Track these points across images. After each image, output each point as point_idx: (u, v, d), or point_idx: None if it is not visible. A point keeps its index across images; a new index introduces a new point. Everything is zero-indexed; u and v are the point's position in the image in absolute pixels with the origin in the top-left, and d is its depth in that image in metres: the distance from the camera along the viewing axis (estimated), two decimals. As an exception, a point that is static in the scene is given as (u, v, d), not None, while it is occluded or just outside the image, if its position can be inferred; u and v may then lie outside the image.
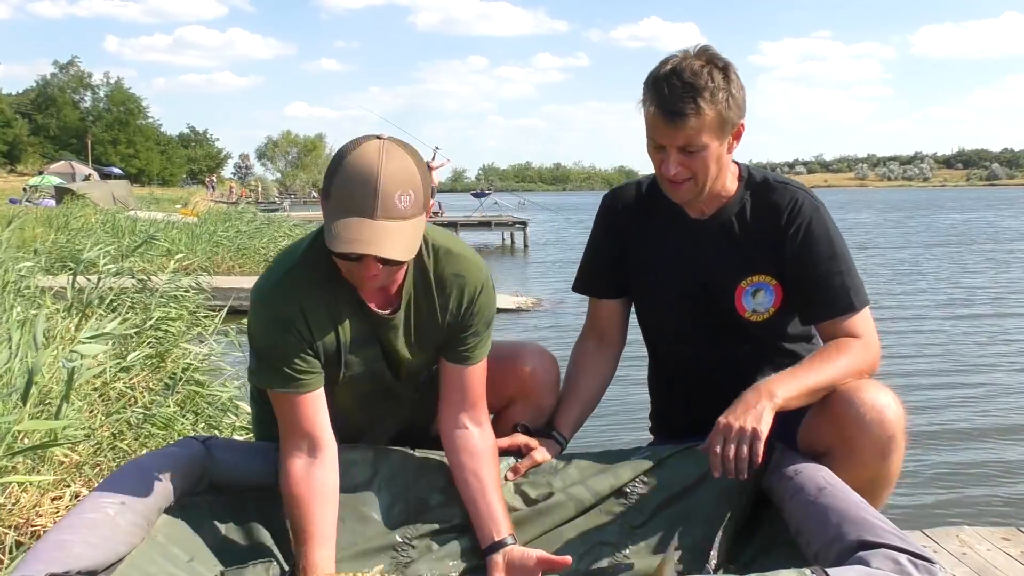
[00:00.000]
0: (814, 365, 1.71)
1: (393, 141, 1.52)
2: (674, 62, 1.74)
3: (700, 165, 1.76)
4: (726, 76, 1.73)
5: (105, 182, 33.01)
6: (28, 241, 9.67)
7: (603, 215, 2.05)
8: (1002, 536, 2.53)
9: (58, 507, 2.56)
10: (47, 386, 3.01)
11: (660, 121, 1.73)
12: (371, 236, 1.45)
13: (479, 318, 1.74)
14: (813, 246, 1.81)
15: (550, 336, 8.53)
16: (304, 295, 1.62)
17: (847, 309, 1.78)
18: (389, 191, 1.46)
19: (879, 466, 1.65)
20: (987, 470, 4.66)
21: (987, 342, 8.67)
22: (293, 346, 1.62)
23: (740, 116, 1.77)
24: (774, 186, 1.87)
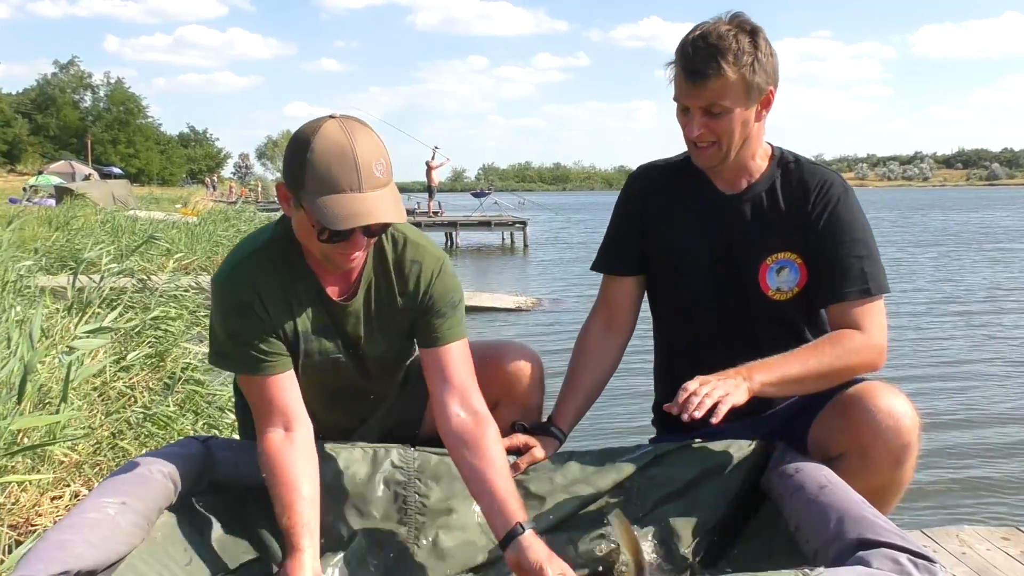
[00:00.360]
0: (801, 355, 1.71)
1: (348, 117, 1.55)
2: (703, 26, 1.75)
3: (724, 128, 1.76)
4: (753, 41, 1.73)
5: (105, 182, 33.02)
6: (28, 241, 9.67)
7: (628, 190, 2.03)
8: (1002, 536, 2.53)
9: (58, 506, 2.56)
10: (47, 385, 3.01)
11: (683, 81, 1.75)
12: (366, 208, 1.49)
13: (441, 300, 1.73)
14: (837, 226, 1.79)
15: (550, 336, 8.53)
16: (260, 280, 1.64)
17: (858, 294, 1.76)
18: (367, 163, 1.50)
19: (892, 473, 1.64)
20: (987, 470, 4.66)
21: (987, 341, 8.67)
22: (254, 329, 1.63)
23: (769, 82, 1.76)
24: (805, 166, 1.87)
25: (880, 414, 1.61)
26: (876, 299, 1.78)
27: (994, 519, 3.77)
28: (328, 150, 1.49)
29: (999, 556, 2.37)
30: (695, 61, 1.72)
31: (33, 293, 4.77)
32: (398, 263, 1.73)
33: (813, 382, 1.71)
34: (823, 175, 1.85)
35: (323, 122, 1.52)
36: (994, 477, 4.54)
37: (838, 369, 1.71)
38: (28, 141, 71.89)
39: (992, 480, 4.50)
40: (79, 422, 2.91)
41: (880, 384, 1.69)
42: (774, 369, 1.68)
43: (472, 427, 1.65)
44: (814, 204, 1.81)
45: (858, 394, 1.67)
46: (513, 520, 1.53)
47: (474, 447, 1.63)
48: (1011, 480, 4.51)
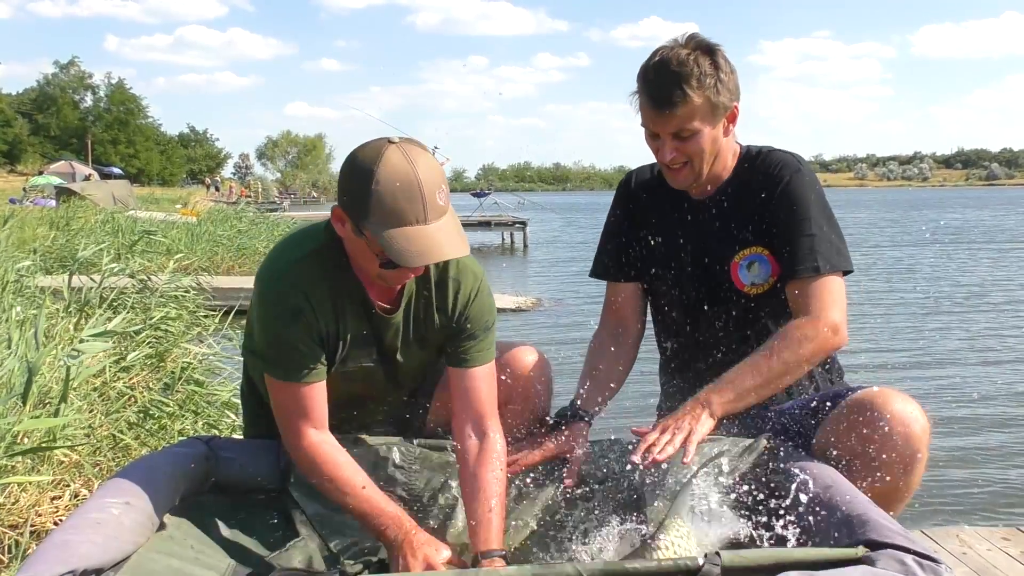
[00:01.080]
0: (754, 363, 1.70)
1: (407, 141, 1.53)
2: (662, 52, 1.78)
3: (695, 149, 1.79)
4: (713, 62, 1.75)
5: (105, 182, 33.06)
6: (27, 241, 9.68)
7: (619, 197, 2.06)
8: (1002, 536, 2.53)
9: (57, 507, 2.56)
10: (47, 386, 3.01)
11: (650, 110, 1.78)
12: (435, 242, 1.49)
13: (475, 322, 1.74)
14: (786, 206, 1.80)
15: (550, 335, 8.53)
16: (311, 286, 1.63)
17: (808, 272, 1.75)
18: (431, 192, 1.49)
19: (901, 479, 1.64)
20: (987, 470, 4.66)
21: (987, 340, 8.67)
22: (301, 336, 1.62)
23: (732, 99, 1.79)
24: (766, 156, 1.88)
25: (891, 421, 1.60)
26: (827, 276, 1.75)
27: (994, 519, 3.77)
28: (393, 181, 1.47)
29: (999, 556, 2.37)
30: (659, 90, 1.75)
31: (33, 293, 4.77)
32: (440, 279, 1.73)
33: (775, 384, 1.71)
34: (777, 160, 1.86)
35: (384, 148, 1.49)
36: (994, 477, 4.55)
37: (795, 363, 1.71)
38: (28, 141, 71.86)
39: (992, 480, 4.50)
40: (79, 422, 2.91)
41: (889, 390, 1.68)
42: (731, 386, 1.68)
43: (476, 452, 1.70)
44: (768, 190, 1.83)
45: (868, 400, 1.65)
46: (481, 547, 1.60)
47: (473, 470, 1.68)
48: (1011, 480, 4.51)
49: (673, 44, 1.79)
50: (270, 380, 1.67)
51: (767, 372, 1.69)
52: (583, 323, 10.18)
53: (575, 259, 18.20)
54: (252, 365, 1.81)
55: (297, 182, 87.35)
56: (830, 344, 1.74)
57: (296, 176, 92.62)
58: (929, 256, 19.17)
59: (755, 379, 1.68)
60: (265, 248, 13.69)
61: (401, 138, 1.53)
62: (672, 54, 1.76)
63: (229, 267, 12.67)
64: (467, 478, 1.69)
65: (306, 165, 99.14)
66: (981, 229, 29.76)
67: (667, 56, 1.76)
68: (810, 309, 1.74)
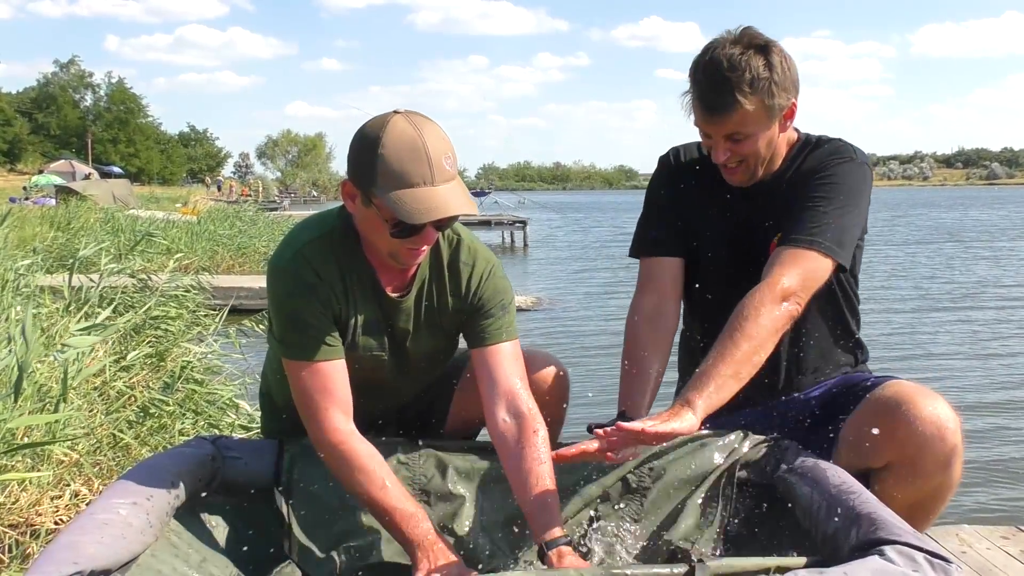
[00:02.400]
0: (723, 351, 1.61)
1: (412, 112, 1.55)
2: (713, 50, 1.71)
3: (749, 150, 1.76)
4: (767, 62, 1.69)
5: (105, 181, 33.04)
6: (27, 240, 9.68)
7: (663, 175, 2.00)
8: (1001, 535, 2.53)
9: (57, 506, 2.56)
10: (46, 385, 3.01)
11: (702, 113, 1.74)
12: (441, 200, 1.50)
13: (490, 302, 1.74)
14: (822, 181, 1.76)
15: (549, 335, 8.54)
16: (322, 266, 1.64)
17: (798, 243, 1.68)
18: (438, 156, 1.51)
19: (943, 476, 1.64)
20: (987, 469, 4.66)
21: (986, 338, 8.67)
22: (314, 311, 1.62)
23: (789, 97, 1.74)
24: (821, 144, 1.84)
25: (924, 424, 1.59)
26: (812, 252, 1.68)
27: (994, 518, 3.77)
28: (399, 145, 1.49)
29: (999, 555, 2.38)
30: (710, 95, 1.70)
31: (33, 292, 4.76)
32: (452, 263, 1.74)
33: (751, 363, 1.62)
34: (833, 148, 1.81)
35: (389, 118, 1.52)
36: (994, 476, 4.55)
37: (762, 336, 1.62)
38: (28, 140, 71.83)
39: (992, 479, 4.50)
40: (79, 421, 2.91)
41: (915, 388, 1.67)
42: (705, 381, 1.59)
43: (515, 433, 1.64)
44: (817, 173, 1.79)
45: (895, 402, 1.63)
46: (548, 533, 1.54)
47: (515, 454, 1.63)
48: (1011, 479, 4.51)
49: (724, 41, 1.72)
50: (289, 365, 1.64)
51: (738, 355, 1.60)
52: (583, 322, 10.18)
53: (575, 258, 18.20)
54: (272, 359, 1.81)
55: (297, 181, 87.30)
56: (789, 313, 1.64)
57: (296, 175, 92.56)
58: (927, 253, 19.16)
59: (728, 365, 1.60)
60: (265, 247, 13.70)
61: (407, 110, 1.55)
62: (724, 54, 1.69)
63: (229, 266, 12.68)
64: (511, 465, 1.63)
65: (306, 164, 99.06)
66: (982, 228, 29.74)
67: (718, 57, 1.70)
68: (770, 274, 1.66)
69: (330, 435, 1.60)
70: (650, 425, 1.51)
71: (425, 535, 1.54)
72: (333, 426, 1.60)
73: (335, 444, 1.60)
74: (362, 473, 1.58)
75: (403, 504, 1.57)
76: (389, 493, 1.57)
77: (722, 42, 1.72)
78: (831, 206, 1.73)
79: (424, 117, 1.55)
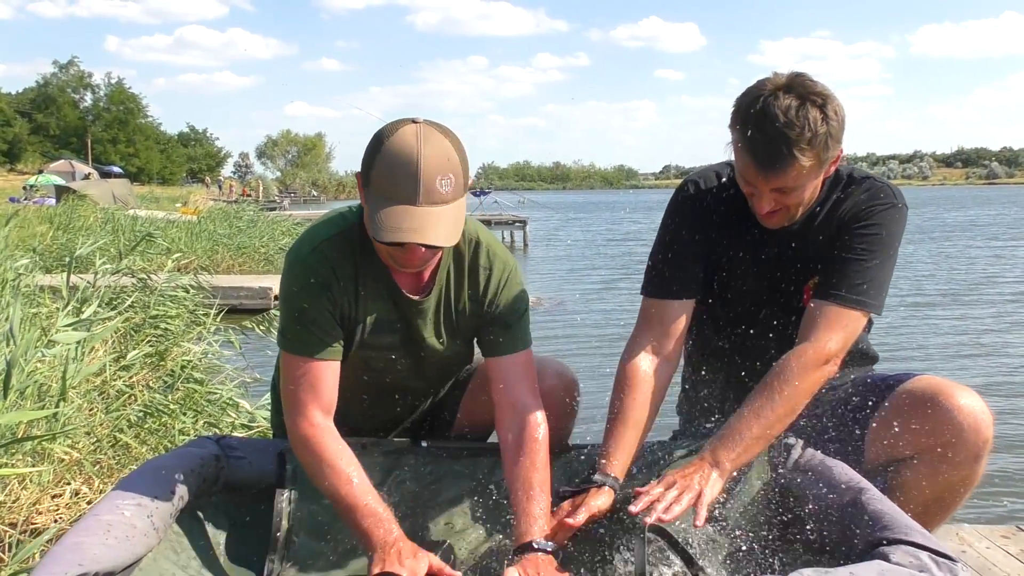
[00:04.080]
0: (755, 410, 1.60)
1: (430, 124, 1.52)
2: (765, 99, 1.59)
3: (795, 200, 1.68)
4: (824, 115, 1.59)
5: (105, 181, 32.97)
6: (27, 240, 9.67)
7: (680, 208, 1.87)
8: (1001, 534, 2.53)
9: (58, 505, 2.56)
10: (46, 384, 3.01)
11: (751, 168, 1.63)
12: (415, 224, 1.46)
13: (506, 309, 1.73)
14: (866, 232, 1.71)
15: (549, 334, 8.53)
16: (336, 264, 1.63)
17: (843, 301, 1.66)
18: (430, 176, 1.47)
19: (972, 468, 1.66)
20: (987, 468, 4.65)
21: (985, 337, 8.67)
22: (321, 311, 1.63)
23: (839, 145, 1.65)
24: (861, 185, 1.76)
25: (961, 413, 1.61)
26: (854, 312, 1.67)
27: (994, 518, 3.77)
28: (394, 156, 1.47)
29: (999, 554, 2.37)
30: (765, 151, 1.59)
31: (32, 292, 4.76)
32: (472, 266, 1.73)
33: (782, 425, 1.63)
34: (875, 191, 1.74)
35: (402, 125, 1.51)
36: (994, 476, 4.54)
37: (799, 400, 1.63)
38: (28, 140, 71.78)
39: (992, 479, 4.50)
40: (79, 420, 2.90)
41: (949, 382, 1.68)
42: (737, 441, 1.57)
43: (515, 443, 1.66)
44: (856, 217, 1.72)
45: (931, 394, 1.65)
46: (522, 538, 1.55)
47: (512, 461, 1.65)
48: (1011, 479, 4.51)
49: (777, 87, 1.60)
50: (285, 357, 1.66)
51: (772, 417, 1.59)
52: (583, 321, 10.18)
53: (575, 258, 18.19)
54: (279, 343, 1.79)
55: (297, 181, 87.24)
56: (827, 374, 1.66)
57: (296, 175, 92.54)
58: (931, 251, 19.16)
59: (761, 427, 1.58)
60: (264, 246, 13.70)
61: (427, 121, 1.52)
62: (780, 106, 1.57)
63: (229, 266, 12.66)
64: (509, 471, 1.65)
65: (306, 164, 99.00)
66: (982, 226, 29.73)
67: (772, 109, 1.57)
68: (815, 336, 1.65)
69: (305, 428, 1.61)
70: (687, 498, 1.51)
71: (386, 536, 1.52)
72: (310, 420, 1.61)
73: (308, 437, 1.60)
74: (330, 468, 1.58)
75: (368, 502, 1.56)
76: (355, 489, 1.57)
77: (773, 90, 1.60)
78: (874, 260, 1.69)
79: (439, 131, 1.51)
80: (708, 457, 1.57)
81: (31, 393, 2.80)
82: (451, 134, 1.54)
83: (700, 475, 1.54)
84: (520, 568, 1.49)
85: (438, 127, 1.53)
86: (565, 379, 1.89)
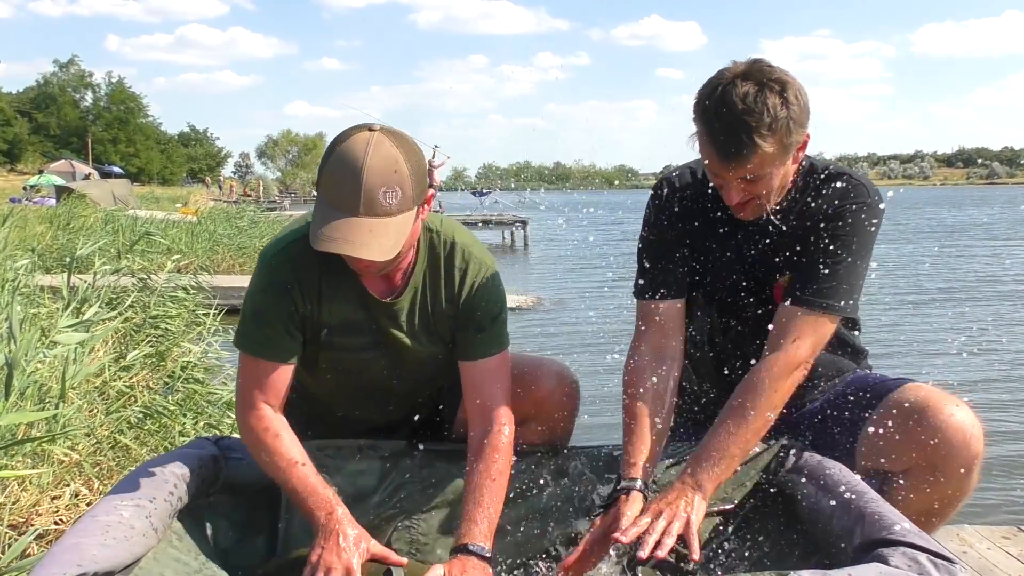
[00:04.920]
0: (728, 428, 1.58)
1: (385, 133, 1.49)
2: (724, 87, 1.56)
3: (764, 187, 1.64)
4: (783, 99, 1.55)
5: (105, 181, 32.98)
6: (27, 240, 9.67)
7: (658, 208, 1.86)
8: (1002, 535, 2.53)
9: (58, 506, 2.56)
10: (46, 385, 3.01)
11: (715, 158, 1.61)
12: (351, 235, 1.44)
13: (481, 312, 1.71)
14: (837, 232, 1.66)
15: (549, 334, 8.54)
16: (300, 267, 1.62)
17: (814, 305, 1.63)
18: (373, 187, 1.44)
19: (962, 482, 1.64)
20: (987, 468, 4.64)
21: (984, 336, 8.66)
22: (279, 313, 1.63)
23: (803, 131, 1.61)
24: (831, 178, 1.72)
25: (950, 431, 1.59)
26: (825, 318, 1.64)
27: (994, 518, 3.77)
28: (340, 164, 1.46)
29: (999, 555, 2.37)
30: (726, 140, 1.56)
31: (32, 292, 4.76)
32: (447, 267, 1.71)
33: (755, 440, 1.62)
34: (847, 188, 1.70)
35: (357, 131, 1.49)
36: (994, 476, 4.54)
37: (774, 410, 1.61)
38: (28, 140, 71.81)
39: (992, 479, 4.50)
40: (79, 421, 2.90)
41: (938, 393, 1.66)
42: (715, 460, 1.55)
43: (477, 447, 1.67)
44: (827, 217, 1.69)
45: (920, 407, 1.63)
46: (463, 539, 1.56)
47: (473, 466, 1.65)
48: (1010, 479, 4.51)
49: (735, 75, 1.57)
50: (241, 356, 1.67)
51: (748, 433, 1.58)
52: (583, 321, 10.18)
53: (575, 257, 18.19)
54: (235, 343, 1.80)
55: (297, 181, 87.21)
56: (797, 379, 1.63)
57: (296, 175, 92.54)
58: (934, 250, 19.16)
59: (738, 445, 1.57)
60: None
61: (384, 129, 1.50)
62: (737, 93, 1.54)
63: (229, 266, 12.67)
64: (468, 472, 1.66)
65: (306, 164, 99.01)
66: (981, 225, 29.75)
67: (731, 96, 1.54)
68: (784, 344, 1.62)
69: (252, 420, 1.63)
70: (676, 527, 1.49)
71: (326, 520, 1.54)
72: (260, 412, 1.63)
73: (253, 427, 1.62)
74: (277, 455, 1.60)
75: (311, 484, 1.58)
76: (298, 471, 1.58)
77: (731, 78, 1.57)
78: (845, 262, 1.65)
79: (392, 141, 1.48)
80: (689, 481, 1.55)
81: (31, 394, 2.80)
82: (407, 144, 1.50)
83: (684, 501, 1.53)
84: (447, 567, 1.51)
85: (394, 137, 1.49)
86: (565, 380, 1.88)
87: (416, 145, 1.54)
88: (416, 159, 1.51)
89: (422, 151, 1.57)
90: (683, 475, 1.57)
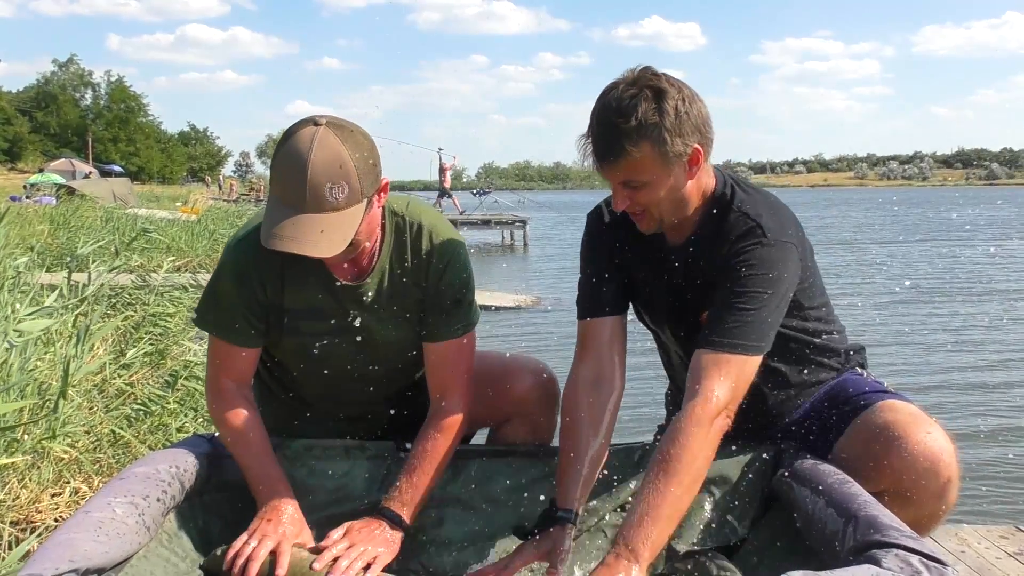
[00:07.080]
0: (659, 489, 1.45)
1: (330, 127, 1.46)
2: (609, 91, 1.59)
3: (649, 198, 1.62)
4: (657, 106, 1.54)
5: (105, 180, 33.01)
6: (27, 238, 9.67)
7: (594, 229, 1.86)
8: (1000, 534, 2.53)
9: (57, 503, 2.56)
10: (46, 383, 3.01)
11: (593, 159, 1.63)
12: (297, 232, 1.44)
13: (446, 294, 1.71)
14: (737, 274, 1.60)
15: (549, 334, 8.53)
16: (264, 253, 1.55)
17: (722, 346, 1.55)
18: (318, 184, 1.43)
19: (937, 505, 1.62)
20: (985, 468, 4.66)
21: (984, 336, 8.66)
22: (241, 298, 1.66)
23: (689, 142, 1.57)
24: (734, 210, 1.68)
25: (917, 458, 1.56)
26: (736, 357, 1.55)
27: (993, 518, 3.77)
28: (287, 158, 1.45)
29: (998, 555, 2.37)
30: (599, 141, 1.58)
31: (32, 290, 4.76)
32: (414, 249, 1.71)
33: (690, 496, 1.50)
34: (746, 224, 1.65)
35: (304, 125, 1.47)
36: (993, 476, 4.54)
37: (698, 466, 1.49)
38: (29, 139, 71.86)
39: (990, 479, 4.50)
40: (79, 418, 2.91)
41: (907, 415, 1.63)
42: (649, 525, 1.43)
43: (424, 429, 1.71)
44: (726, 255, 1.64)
45: (888, 433, 1.60)
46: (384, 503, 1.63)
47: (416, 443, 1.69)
48: (1009, 479, 4.51)
49: (623, 82, 1.58)
50: (210, 339, 1.72)
51: (679, 490, 1.46)
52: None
53: (575, 257, 18.16)
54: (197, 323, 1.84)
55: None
56: (722, 428, 1.53)
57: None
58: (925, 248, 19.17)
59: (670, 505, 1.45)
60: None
61: (331, 122, 1.48)
62: (614, 97, 1.56)
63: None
64: (413, 446, 1.70)
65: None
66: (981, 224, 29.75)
67: (609, 100, 1.57)
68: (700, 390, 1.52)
69: (219, 391, 1.69)
70: None
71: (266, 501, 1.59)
72: (225, 387, 1.69)
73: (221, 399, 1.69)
74: (233, 431, 1.66)
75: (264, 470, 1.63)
76: (253, 455, 1.64)
77: (618, 83, 1.58)
78: (751, 303, 1.58)
79: (338, 135, 1.45)
80: (624, 552, 1.42)
81: (31, 391, 2.81)
82: (353, 138, 1.48)
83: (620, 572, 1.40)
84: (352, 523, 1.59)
85: (341, 130, 1.47)
86: (541, 378, 1.88)
87: (364, 137, 1.51)
88: (363, 152, 1.49)
89: (372, 142, 1.53)
90: (617, 541, 1.45)
